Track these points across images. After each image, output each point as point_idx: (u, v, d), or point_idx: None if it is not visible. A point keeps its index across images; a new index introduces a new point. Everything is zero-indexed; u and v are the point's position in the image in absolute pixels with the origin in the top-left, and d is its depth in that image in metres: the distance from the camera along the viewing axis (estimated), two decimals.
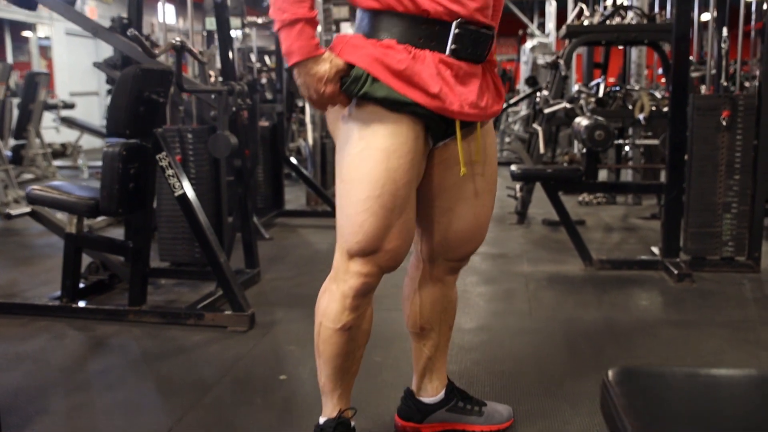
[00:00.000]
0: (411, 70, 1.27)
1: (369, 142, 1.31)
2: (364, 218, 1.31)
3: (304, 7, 1.25)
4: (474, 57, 1.32)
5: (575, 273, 3.22)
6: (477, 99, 1.33)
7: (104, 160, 2.29)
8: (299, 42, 1.25)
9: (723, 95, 3.05)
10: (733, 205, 3.09)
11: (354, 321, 1.40)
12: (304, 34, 1.25)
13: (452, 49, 1.29)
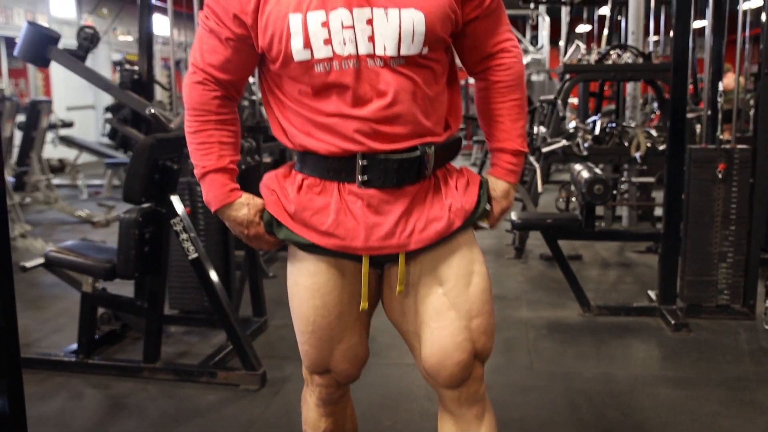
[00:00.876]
0: (303, 209, 1.28)
1: (296, 279, 1.36)
2: (306, 348, 1.38)
3: (212, 159, 1.31)
4: (392, 184, 1.25)
5: (574, 319, 3.30)
6: (394, 228, 1.27)
7: (121, 226, 2.36)
8: (213, 192, 1.32)
9: (719, 149, 3.13)
10: (729, 255, 3.18)
11: (333, 425, 1.49)
12: (215, 183, 1.32)
13: (362, 180, 1.25)
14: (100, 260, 2.46)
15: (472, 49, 1.36)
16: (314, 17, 1.19)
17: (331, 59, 1.20)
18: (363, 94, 1.22)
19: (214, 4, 1.28)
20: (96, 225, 5.84)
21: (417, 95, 1.26)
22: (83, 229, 5.80)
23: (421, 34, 1.21)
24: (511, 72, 1.36)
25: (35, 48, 2.92)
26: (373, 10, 1.19)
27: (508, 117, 1.39)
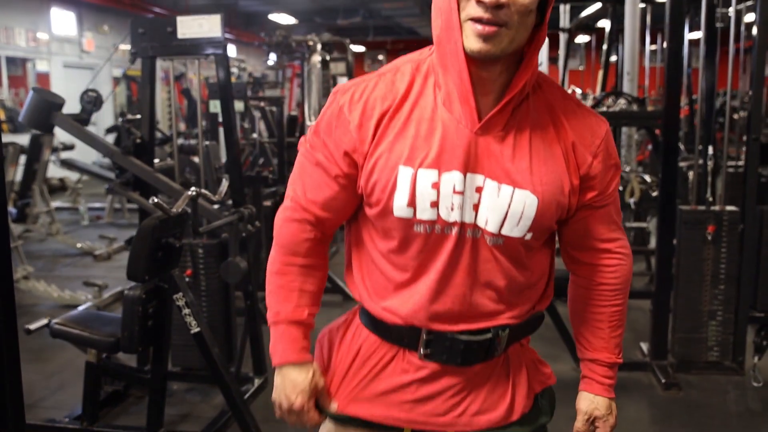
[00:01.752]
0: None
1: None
2: None
3: (289, 307, 1.23)
4: (456, 363, 1.18)
5: (568, 375, 3.36)
6: (444, 404, 1.21)
7: (125, 303, 2.42)
8: (281, 345, 1.23)
9: (708, 210, 3.21)
10: (719, 313, 3.25)
11: None
12: (285, 336, 1.23)
13: (423, 353, 1.19)
14: (104, 334, 2.53)
15: (574, 238, 1.25)
16: (425, 175, 1.09)
17: (434, 222, 1.12)
18: (453, 265, 1.14)
19: (325, 135, 1.17)
20: (97, 258, 5.91)
21: (510, 278, 1.17)
22: (85, 263, 5.86)
23: (529, 219, 1.12)
24: (619, 276, 1.25)
25: (40, 114, 3.00)
26: (486, 180, 1.11)
27: (609, 324, 1.27)
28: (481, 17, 1.01)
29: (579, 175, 1.14)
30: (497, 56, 1.04)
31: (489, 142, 1.10)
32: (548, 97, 1.15)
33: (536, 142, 1.12)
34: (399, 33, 20.66)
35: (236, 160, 3.15)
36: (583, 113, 1.17)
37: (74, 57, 12.39)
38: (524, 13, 1.01)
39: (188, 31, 2.97)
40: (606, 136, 1.17)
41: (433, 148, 1.10)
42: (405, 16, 17.28)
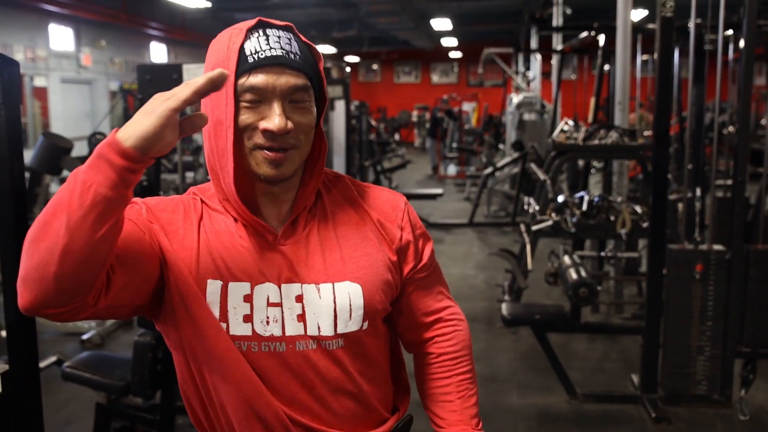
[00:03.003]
0: None
1: None
2: None
3: None
4: None
5: (561, 408, 3.48)
6: None
7: (136, 349, 2.52)
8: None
9: (696, 250, 3.32)
10: (707, 349, 3.36)
11: None
12: None
13: None
14: (115, 378, 2.62)
15: (403, 317, 1.24)
16: (236, 288, 1.08)
17: (250, 338, 1.08)
18: (286, 382, 1.09)
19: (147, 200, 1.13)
20: None
21: (359, 379, 1.14)
22: None
23: (360, 308, 1.11)
24: (457, 342, 1.24)
25: (49, 158, 3.10)
26: (303, 286, 1.10)
27: (458, 395, 1.22)
28: (270, 145, 1.04)
29: (393, 249, 1.17)
30: (291, 177, 1.09)
31: (295, 249, 1.11)
32: (342, 189, 1.20)
33: (342, 232, 1.15)
34: (393, 44, 20.81)
35: None
36: (378, 193, 1.22)
37: (72, 72, 12.50)
38: (307, 132, 1.08)
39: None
40: (406, 208, 1.21)
41: (243, 261, 1.09)
42: (399, 30, 17.43)
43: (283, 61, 1.04)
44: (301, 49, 1.07)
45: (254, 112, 1.05)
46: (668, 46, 3.19)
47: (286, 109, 1.04)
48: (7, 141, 1.62)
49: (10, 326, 1.61)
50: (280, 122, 1.03)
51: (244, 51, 1.04)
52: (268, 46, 1.05)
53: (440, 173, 14.74)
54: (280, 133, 1.03)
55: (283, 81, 1.04)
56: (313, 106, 1.08)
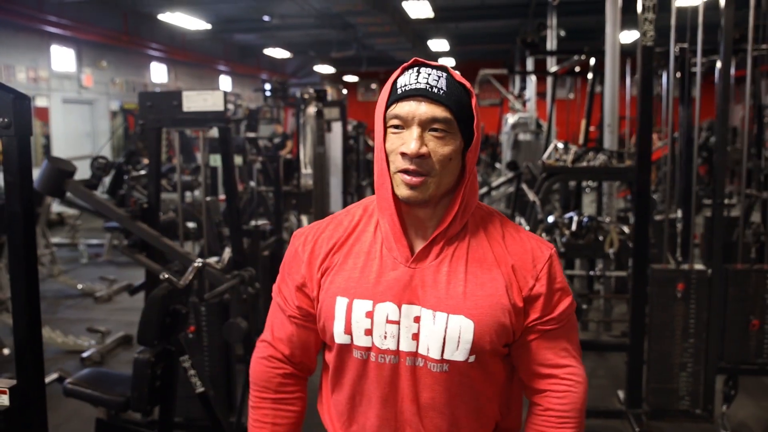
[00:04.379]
0: None
1: None
2: None
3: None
4: None
5: None
6: None
7: (135, 366, 2.62)
8: None
9: (678, 270, 3.44)
10: (689, 365, 3.47)
11: None
12: None
13: None
14: (114, 394, 2.72)
15: (522, 362, 1.29)
16: (360, 305, 1.22)
17: (369, 349, 1.22)
18: (395, 393, 1.24)
19: (287, 275, 1.33)
20: (98, 300, 6.09)
21: (458, 404, 1.24)
22: (86, 304, 6.04)
23: (468, 342, 1.19)
24: (567, 403, 1.27)
25: (53, 182, 3.20)
26: (422, 309, 1.21)
27: None
28: (407, 168, 1.17)
29: (522, 297, 1.23)
30: (426, 200, 1.20)
31: (424, 274, 1.22)
32: (489, 227, 1.27)
33: (472, 268, 1.22)
34: (392, 64, 21.03)
35: (237, 224, 3.37)
36: (522, 238, 1.27)
37: (73, 92, 12.66)
38: (444, 163, 1.18)
39: (193, 105, 3.20)
40: (550, 261, 1.25)
41: (369, 280, 1.22)
42: (397, 50, 17.64)
43: (426, 93, 1.17)
44: (449, 86, 1.19)
45: (398, 138, 1.19)
46: (648, 74, 3.32)
47: (423, 137, 1.17)
48: (19, 170, 1.74)
49: (19, 343, 1.72)
50: (415, 146, 1.16)
51: (396, 84, 1.20)
52: (416, 80, 1.19)
53: None
54: (414, 156, 1.16)
55: (423, 110, 1.17)
56: (454, 139, 1.19)
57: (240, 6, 12.92)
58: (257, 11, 13.39)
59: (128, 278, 6.54)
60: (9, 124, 1.70)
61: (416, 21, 13.33)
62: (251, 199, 5.50)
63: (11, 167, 1.75)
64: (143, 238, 3.18)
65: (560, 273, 1.29)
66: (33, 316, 1.74)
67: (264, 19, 13.83)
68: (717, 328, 3.45)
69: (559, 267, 1.29)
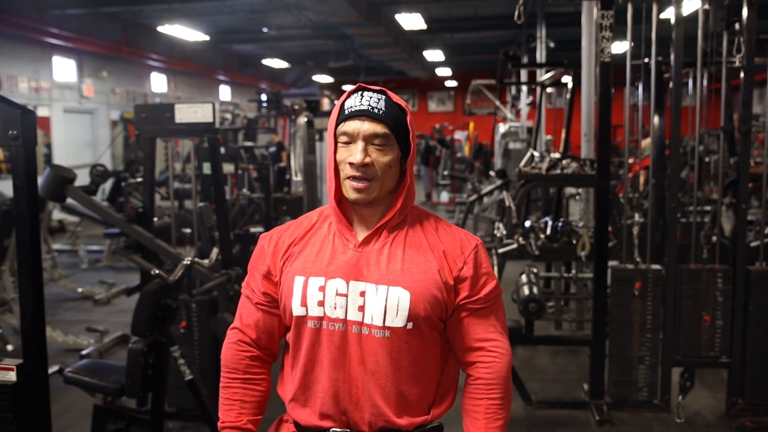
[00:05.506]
0: None
1: None
2: None
3: (231, 416, 1.54)
4: None
5: (517, 413, 3.81)
6: None
7: (129, 355, 2.87)
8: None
9: (636, 269, 3.69)
10: (647, 358, 3.71)
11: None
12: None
13: None
14: (110, 381, 2.97)
15: (455, 336, 1.50)
16: (314, 281, 1.45)
17: (321, 318, 1.44)
18: (343, 357, 1.44)
19: (253, 269, 1.57)
20: (97, 303, 6.34)
21: (399, 368, 1.43)
22: (85, 307, 6.29)
23: (405, 310, 1.41)
24: (493, 372, 1.47)
25: (55, 187, 3.46)
26: (366, 285, 1.43)
27: (485, 416, 1.46)
28: (354, 175, 1.42)
29: (453, 276, 1.46)
30: (371, 201, 1.45)
31: (369, 256, 1.46)
32: (425, 223, 1.53)
33: (409, 252, 1.47)
34: (390, 73, 21.30)
35: (226, 227, 3.63)
36: (453, 231, 1.53)
37: (74, 102, 12.94)
38: (385, 169, 1.43)
39: (184, 117, 3.47)
40: (476, 249, 1.50)
41: (323, 262, 1.47)
42: (394, 60, 17.92)
43: (368, 113, 1.42)
44: (387, 106, 1.45)
45: (346, 150, 1.44)
46: (607, 87, 3.58)
47: (367, 149, 1.42)
48: (26, 176, 2.01)
49: (25, 327, 1.99)
50: (360, 157, 1.41)
51: (344, 106, 1.46)
52: (360, 103, 1.44)
53: (433, 200, 15.14)
54: (359, 165, 1.41)
55: (366, 127, 1.42)
56: (392, 150, 1.44)
57: (238, 17, 13.22)
58: (255, 23, 13.70)
59: (127, 282, 6.79)
60: (17, 136, 1.97)
61: (411, 32, 13.64)
62: (245, 207, 5.75)
63: (19, 174, 2.01)
64: (138, 240, 3.44)
65: (486, 260, 1.53)
66: (37, 303, 2.01)
67: (262, 30, 14.15)
68: (672, 324, 3.70)
69: (485, 255, 1.53)
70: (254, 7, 12.00)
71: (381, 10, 12.06)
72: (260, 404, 1.58)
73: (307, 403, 1.50)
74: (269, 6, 11.45)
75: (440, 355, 1.52)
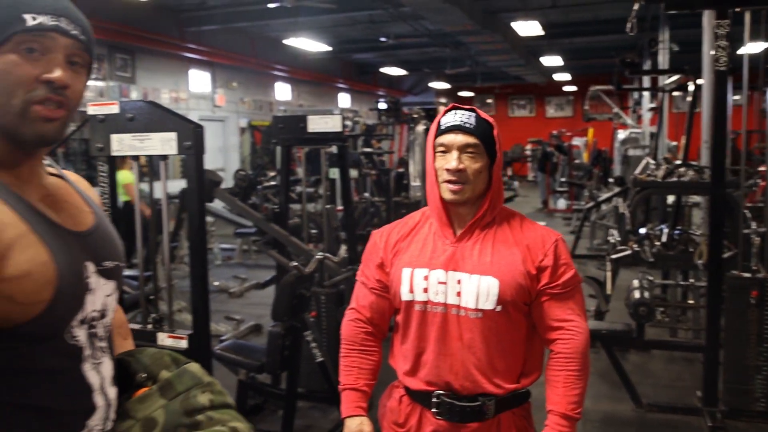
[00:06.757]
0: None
1: None
2: None
3: (350, 379, 1.80)
4: (457, 420, 1.70)
5: (627, 415, 3.91)
6: None
7: (269, 337, 3.25)
8: (344, 404, 1.79)
9: (752, 278, 3.69)
10: (764, 368, 3.70)
11: None
12: (348, 397, 1.79)
13: (435, 412, 1.72)
14: (253, 359, 3.36)
15: (538, 317, 1.73)
16: (419, 272, 1.72)
17: (426, 302, 1.70)
18: (444, 334, 1.70)
19: (367, 261, 1.85)
20: (232, 295, 6.90)
21: (490, 343, 1.68)
22: (221, 299, 6.86)
23: (495, 295, 1.65)
24: (570, 347, 1.70)
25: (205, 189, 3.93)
26: (462, 274, 1.69)
27: (563, 384, 1.69)
28: (450, 179, 1.69)
29: (535, 266, 1.70)
30: (464, 201, 1.71)
31: (464, 250, 1.72)
32: (512, 221, 1.77)
33: (498, 246, 1.71)
34: (506, 78, 21.26)
35: (352, 227, 3.96)
36: (536, 228, 1.77)
37: (207, 111, 13.92)
38: (476, 174, 1.69)
39: (316, 127, 3.83)
40: (556, 243, 1.73)
41: (426, 256, 1.74)
42: (511, 66, 17.93)
43: (461, 128, 1.69)
44: (477, 121, 1.70)
45: (443, 159, 1.71)
46: (722, 97, 3.62)
47: (461, 157, 1.68)
48: (196, 178, 2.39)
49: (194, 304, 2.37)
50: (455, 164, 1.68)
51: (441, 122, 1.73)
52: (454, 119, 1.71)
53: (549, 207, 15.04)
54: (455, 171, 1.68)
55: (459, 139, 1.69)
56: (482, 158, 1.69)
57: (358, 29, 13.75)
58: (374, 32, 14.19)
59: (257, 278, 7.33)
60: (191, 146, 2.36)
61: (527, 38, 13.65)
62: (366, 209, 6.10)
63: (191, 175, 2.40)
64: (275, 237, 3.83)
65: (565, 252, 1.76)
66: (204, 286, 2.38)
67: (381, 39, 14.63)
68: None
69: (565, 248, 1.77)
70: (374, 18, 12.46)
71: (497, 17, 12.19)
72: (373, 371, 1.85)
73: (416, 372, 1.76)
74: (388, 17, 11.86)
75: (525, 333, 1.76)
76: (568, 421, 1.68)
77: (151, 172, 3.14)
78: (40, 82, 1.06)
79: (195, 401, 1.17)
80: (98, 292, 1.15)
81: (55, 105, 1.08)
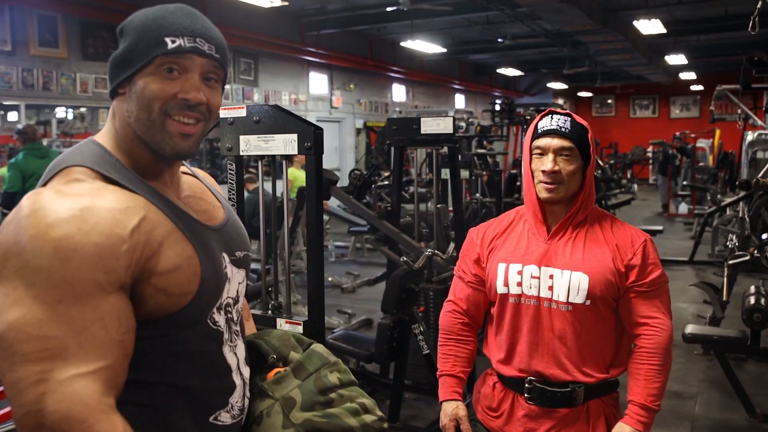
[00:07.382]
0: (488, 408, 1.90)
1: None
2: None
3: (447, 366, 1.94)
4: (548, 405, 1.79)
5: (739, 424, 3.80)
6: None
7: (379, 329, 3.44)
8: (442, 389, 1.94)
9: None
10: None
11: None
12: (445, 383, 1.94)
13: (527, 397, 1.82)
14: (363, 349, 3.57)
15: (625, 313, 1.81)
16: (514, 267, 1.83)
17: (520, 295, 1.81)
18: (537, 325, 1.80)
19: (464, 256, 1.97)
20: (344, 291, 7.20)
21: (580, 335, 1.76)
22: (334, 294, 7.17)
23: (585, 290, 1.74)
24: (654, 343, 1.77)
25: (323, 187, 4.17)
26: (554, 269, 1.79)
27: (645, 377, 1.76)
28: (546, 180, 1.77)
29: (624, 265, 1.77)
30: (558, 200, 1.80)
31: (556, 247, 1.81)
32: (603, 221, 1.85)
33: (589, 244, 1.80)
34: (628, 78, 20.61)
35: (461, 225, 4.09)
36: (625, 228, 1.84)
37: (325, 112, 14.43)
38: (570, 176, 1.77)
39: (429, 128, 3.98)
40: (644, 243, 1.80)
41: (520, 252, 1.84)
42: (632, 66, 17.37)
43: (556, 132, 1.78)
44: (572, 126, 1.79)
45: (539, 161, 1.81)
46: None
47: (556, 160, 1.78)
48: (315, 176, 2.60)
49: (310, 291, 2.58)
50: (551, 166, 1.77)
51: (538, 126, 1.83)
52: (550, 123, 1.81)
53: (670, 211, 14.46)
54: (550, 172, 1.77)
55: (555, 142, 1.78)
56: (576, 160, 1.78)
57: (474, 30, 13.81)
58: (491, 33, 14.19)
59: (369, 275, 7.61)
60: (311, 147, 2.57)
61: (650, 36, 13.21)
62: (477, 209, 6.20)
63: (311, 174, 2.61)
64: (387, 234, 4.02)
65: (653, 252, 1.82)
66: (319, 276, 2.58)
67: (497, 40, 14.61)
68: None
69: (653, 248, 1.83)
70: (490, 19, 12.49)
71: (618, 15, 11.89)
72: (469, 359, 1.97)
73: (510, 360, 1.87)
74: (504, 17, 11.85)
75: (613, 327, 1.83)
76: (647, 411, 1.75)
77: (273, 171, 3.40)
78: (177, 99, 1.15)
79: (326, 380, 1.27)
80: (233, 280, 1.29)
81: (193, 120, 1.18)
